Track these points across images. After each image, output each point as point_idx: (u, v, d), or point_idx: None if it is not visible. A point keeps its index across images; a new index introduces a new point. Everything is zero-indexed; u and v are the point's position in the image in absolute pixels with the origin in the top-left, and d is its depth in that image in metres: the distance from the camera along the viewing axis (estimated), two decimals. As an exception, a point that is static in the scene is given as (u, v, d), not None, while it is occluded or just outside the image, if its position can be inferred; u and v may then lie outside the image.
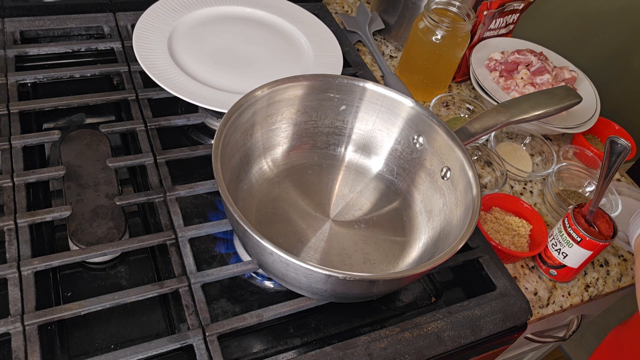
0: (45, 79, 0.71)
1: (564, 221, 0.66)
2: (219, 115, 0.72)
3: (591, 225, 0.65)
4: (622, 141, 0.58)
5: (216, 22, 0.82)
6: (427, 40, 0.82)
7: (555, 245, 0.67)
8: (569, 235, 0.65)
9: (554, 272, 0.68)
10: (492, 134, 0.81)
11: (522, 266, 0.71)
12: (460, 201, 0.59)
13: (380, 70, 0.91)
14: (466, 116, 0.88)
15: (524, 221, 0.72)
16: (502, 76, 0.88)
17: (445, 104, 0.89)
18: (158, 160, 0.64)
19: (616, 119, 0.92)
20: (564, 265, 0.67)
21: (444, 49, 0.82)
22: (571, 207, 0.68)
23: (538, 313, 0.67)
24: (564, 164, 0.81)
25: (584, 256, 0.65)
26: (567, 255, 0.66)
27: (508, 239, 0.70)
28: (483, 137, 0.79)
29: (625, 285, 0.74)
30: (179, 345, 0.50)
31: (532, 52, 0.89)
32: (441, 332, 0.57)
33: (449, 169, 0.62)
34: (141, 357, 0.49)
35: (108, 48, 0.78)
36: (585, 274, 0.73)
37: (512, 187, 0.81)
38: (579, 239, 0.64)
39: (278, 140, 0.67)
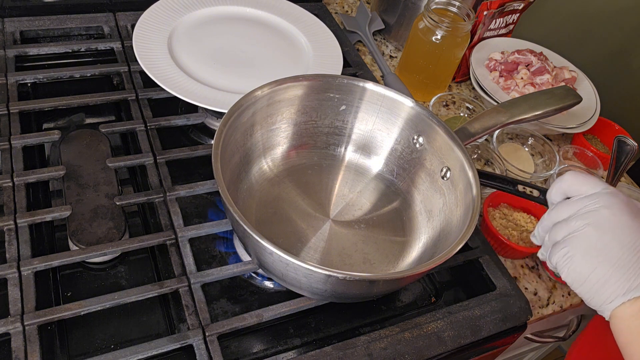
0: (45, 79, 0.71)
1: None
2: (219, 115, 0.72)
3: None
4: (630, 141, 0.58)
5: (216, 22, 0.82)
6: (427, 40, 0.82)
7: None
8: None
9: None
10: (495, 134, 0.81)
11: (522, 266, 0.71)
12: (460, 201, 0.59)
13: (380, 70, 0.91)
14: (466, 116, 0.88)
15: (532, 217, 0.72)
16: (502, 76, 0.88)
17: (445, 104, 0.89)
18: (158, 160, 0.64)
19: (616, 119, 0.92)
20: None
21: (444, 49, 0.82)
22: None
23: (538, 313, 0.67)
24: (565, 165, 0.81)
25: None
26: None
27: (516, 234, 0.70)
28: (482, 137, 0.79)
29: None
30: (179, 346, 0.50)
31: (532, 52, 0.89)
32: (441, 332, 0.57)
33: (449, 169, 0.62)
34: (141, 357, 0.49)
35: (108, 48, 0.78)
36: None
37: (512, 187, 0.81)
38: None
39: (278, 140, 0.67)
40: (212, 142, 0.54)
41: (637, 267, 0.44)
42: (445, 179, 0.63)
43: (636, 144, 0.57)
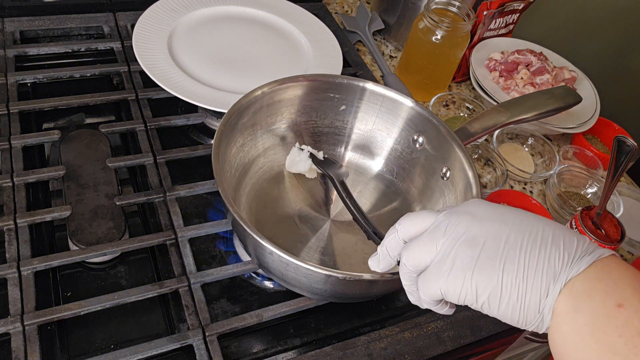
0: (45, 79, 0.71)
1: (571, 223, 0.66)
2: (219, 115, 0.72)
3: (598, 228, 0.64)
4: (630, 141, 0.58)
5: (216, 22, 0.82)
6: (427, 40, 0.82)
7: None
8: None
9: None
10: (495, 134, 0.81)
11: (522, 266, 0.71)
12: (460, 201, 0.59)
13: (380, 70, 0.91)
14: (466, 116, 0.88)
15: None
16: (502, 76, 0.88)
17: (445, 104, 0.89)
18: (158, 160, 0.64)
19: (616, 119, 0.92)
20: None
21: (443, 49, 0.82)
22: (580, 208, 0.68)
23: (538, 313, 0.67)
24: (565, 165, 0.81)
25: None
26: None
27: None
28: (482, 137, 0.79)
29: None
30: (178, 346, 0.50)
31: (532, 52, 0.89)
32: (441, 332, 0.57)
33: (448, 169, 0.62)
34: (141, 357, 0.49)
35: (108, 48, 0.78)
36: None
37: (511, 186, 0.81)
38: None
39: (278, 140, 0.67)
40: (212, 142, 0.54)
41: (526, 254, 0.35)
42: (445, 179, 0.63)
43: (636, 144, 0.57)
